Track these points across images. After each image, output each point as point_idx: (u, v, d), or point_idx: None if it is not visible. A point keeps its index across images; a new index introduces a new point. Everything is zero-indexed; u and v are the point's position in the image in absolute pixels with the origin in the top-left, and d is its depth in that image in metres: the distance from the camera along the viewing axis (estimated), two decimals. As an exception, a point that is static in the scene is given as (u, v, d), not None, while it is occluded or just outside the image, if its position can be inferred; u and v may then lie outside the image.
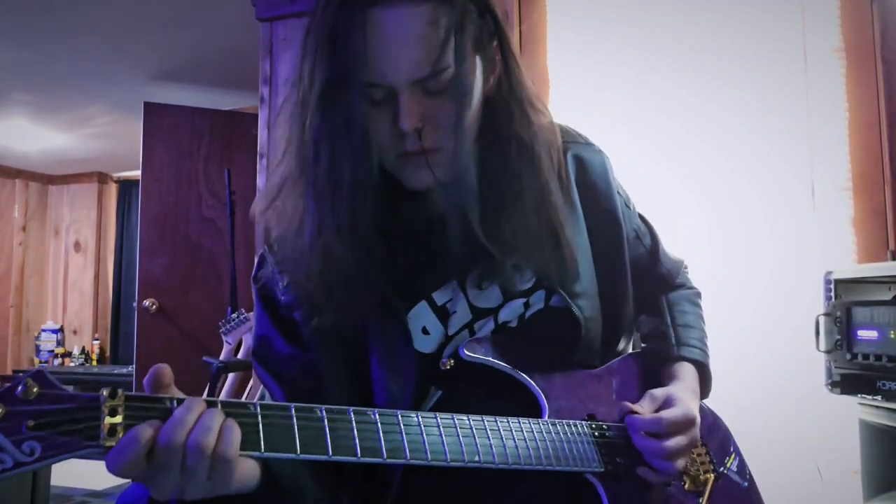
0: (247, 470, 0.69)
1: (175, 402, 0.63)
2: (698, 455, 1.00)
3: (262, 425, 0.66)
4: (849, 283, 1.70)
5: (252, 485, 0.71)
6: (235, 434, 0.63)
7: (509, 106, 0.90)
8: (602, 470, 0.87)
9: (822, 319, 1.68)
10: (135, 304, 4.01)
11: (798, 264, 2.15)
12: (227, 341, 3.17)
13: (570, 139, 1.03)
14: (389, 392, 0.89)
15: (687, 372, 1.05)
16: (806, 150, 2.21)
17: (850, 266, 2.01)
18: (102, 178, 6.96)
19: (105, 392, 0.60)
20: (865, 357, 1.57)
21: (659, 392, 0.96)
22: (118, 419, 0.59)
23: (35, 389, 0.57)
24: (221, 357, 3.10)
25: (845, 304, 1.64)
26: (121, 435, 0.59)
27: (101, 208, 6.95)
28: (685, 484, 0.97)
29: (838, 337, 1.63)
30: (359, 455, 0.71)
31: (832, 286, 1.71)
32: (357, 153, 0.83)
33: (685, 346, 1.08)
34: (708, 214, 2.28)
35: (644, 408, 0.93)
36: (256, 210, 0.97)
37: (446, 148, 0.85)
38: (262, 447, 0.66)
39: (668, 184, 2.29)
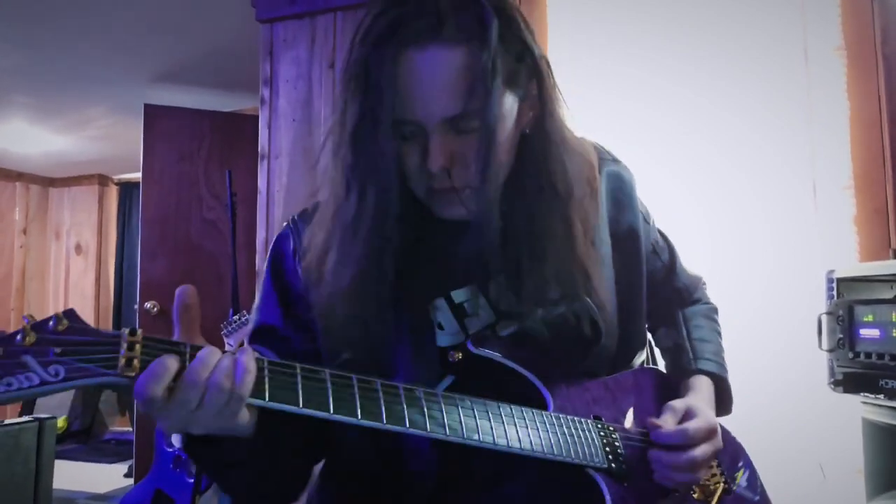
0: (247, 416, 0.75)
1: (189, 347, 0.70)
2: (710, 466, 1.00)
3: (269, 378, 0.72)
4: (851, 282, 1.70)
5: (245, 432, 0.77)
6: (250, 376, 0.71)
7: (544, 146, 0.91)
8: (605, 466, 0.88)
9: (824, 318, 1.68)
10: (136, 307, 4.01)
11: (800, 263, 2.15)
12: (228, 343, 3.17)
13: (601, 156, 1.06)
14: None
15: (703, 384, 1.06)
16: (807, 149, 2.21)
17: (852, 264, 2.01)
18: (103, 180, 6.96)
19: (126, 330, 0.68)
20: (868, 356, 1.57)
21: (678, 404, 0.97)
22: (136, 353, 0.67)
23: (65, 322, 0.65)
24: (223, 359, 3.10)
25: (847, 302, 1.63)
26: (137, 366, 0.66)
27: (102, 211, 6.94)
28: (695, 493, 0.97)
29: (840, 336, 1.63)
30: (359, 416, 0.74)
31: (834, 285, 1.71)
32: (384, 189, 0.84)
33: (701, 360, 1.09)
34: (709, 214, 2.28)
35: (667, 421, 0.94)
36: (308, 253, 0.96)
37: (474, 186, 0.86)
38: (267, 396, 0.71)
39: (668, 183, 2.29)
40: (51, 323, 0.65)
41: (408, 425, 0.75)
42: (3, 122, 5.16)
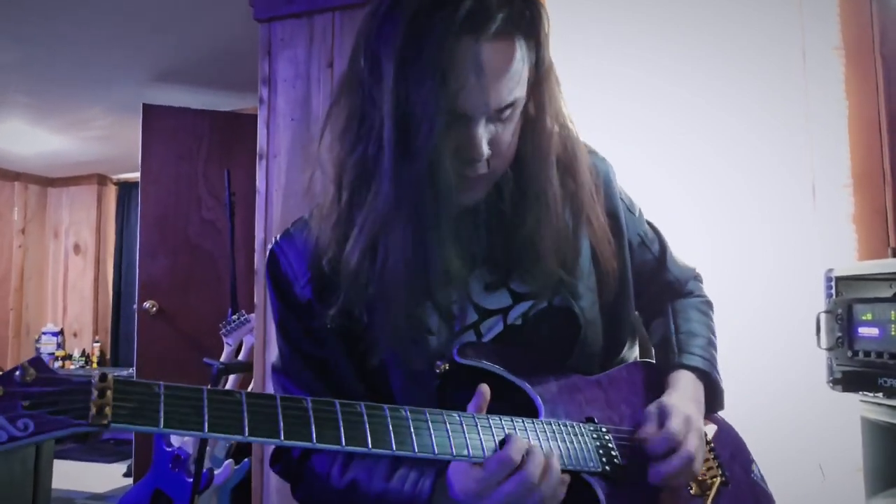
0: None
1: (162, 388, 0.66)
2: (706, 460, 1.00)
3: (247, 411, 0.69)
4: (850, 281, 1.70)
5: None
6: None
7: (549, 126, 0.92)
8: (599, 470, 0.87)
9: (822, 317, 1.68)
10: (135, 306, 4.01)
11: (799, 262, 2.14)
12: (227, 342, 3.17)
13: None
14: (407, 389, 0.93)
15: (683, 379, 1.03)
16: (806, 148, 2.21)
17: (851, 263, 2.01)
18: (102, 179, 6.95)
19: (96, 376, 0.64)
20: (867, 354, 1.56)
21: (652, 408, 0.96)
22: (107, 399, 0.63)
23: (32, 373, 0.63)
24: (222, 358, 3.10)
25: (846, 301, 1.63)
26: (109, 414, 0.62)
27: (101, 210, 6.94)
28: (691, 489, 0.96)
29: (839, 334, 1.63)
30: (343, 443, 0.72)
31: (833, 283, 1.71)
32: (449, 176, 0.84)
33: (686, 354, 1.07)
34: (708, 213, 2.28)
35: (648, 431, 0.93)
36: (354, 253, 0.91)
37: (501, 169, 0.90)
38: (246, 432, 0.68)
39: (667, 182, 2.29)
40: (17, 374, 0.63)
41: (394, 448, 0.74)
42: (2, 121, 5.15)
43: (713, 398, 1.07)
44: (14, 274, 6.76)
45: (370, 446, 0.73)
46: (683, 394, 1.00)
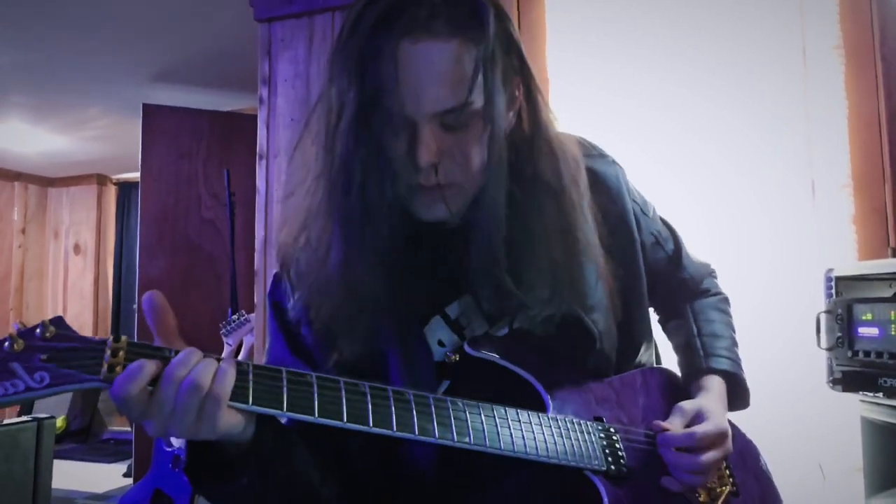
0: (233, 421, 0.73)
1: (173, 352, 0.70)
2: (718, 469, 1.00)
3: (252, 381, 0.72)
4: (849, 281, 1.70)
5: (238, 436, 0.74)
6: (229, 377, 0.70)
7: (533, 143, 0.90)
8: (604, 469, 0.86)
9: (823, 317, 1.68)
10: (134, 306, 4.01)
11: (799, 262, 2.15)
12: (227, 342, 3.17)
13: (585, 152, 1.02)
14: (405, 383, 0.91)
15: (715, 383, 1.05)
16: (806, 148, 2.21)
17: (851, 263, 2.01)
18: (102, 179, 6.95)
19: (111, 336, 0.69)
20: (867, 354, 1.57)
21: (688, 405, 0.96)
22: (119, 359, 0.67)
23: (52, 330, 0.67)
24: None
25: (846, 301, 1.63)
26: (119, 372, 0.67)
27: (101, 210, 6.94)
28: (700, 496, 0.96)
29: (839, 334, 1.63)
30: (345, 420, 0.73)
31: (833, 283, 1.71)
32: (387, 178, 0.82)
33: (713, 357, 1.08)
34: (708, 212, 2.28)
35: (674, 423, 0.94)
36: (282, 241, 0.97)
37: (461, 184, 0.85)
38: (250, 399, 0.71)
39: (667, 182, 2.29)
40: (38, 330, 0.67)
41: (395, 428, 0.74)
42: (2, 121, 5.15)
43: (740, 397, 1.09)
44: (14, 274, 6.75)
45: (371, 425, 0.74)
46: (717, 398, 1.02)
